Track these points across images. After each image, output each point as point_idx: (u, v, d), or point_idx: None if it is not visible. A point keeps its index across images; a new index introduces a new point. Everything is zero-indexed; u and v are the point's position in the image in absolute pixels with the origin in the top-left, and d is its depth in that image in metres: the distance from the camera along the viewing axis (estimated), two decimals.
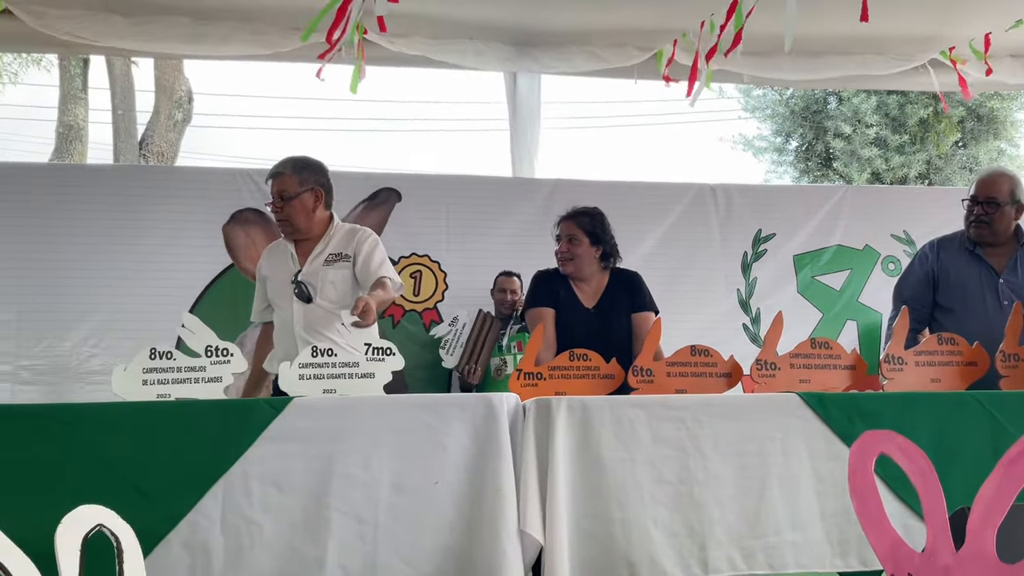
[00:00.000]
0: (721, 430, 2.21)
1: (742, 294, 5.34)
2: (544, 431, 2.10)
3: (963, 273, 3.23)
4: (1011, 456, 0.91)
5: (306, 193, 3.16)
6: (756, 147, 13.54)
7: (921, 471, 0.95)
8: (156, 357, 2.32)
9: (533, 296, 3.35)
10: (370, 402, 2.17)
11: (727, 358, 2.60)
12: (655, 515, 2.11)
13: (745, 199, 5.45)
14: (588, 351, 2.56)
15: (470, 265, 5.01)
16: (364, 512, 2.01)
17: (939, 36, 4.93)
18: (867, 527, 0.97)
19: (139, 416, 2.08)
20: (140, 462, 2.00)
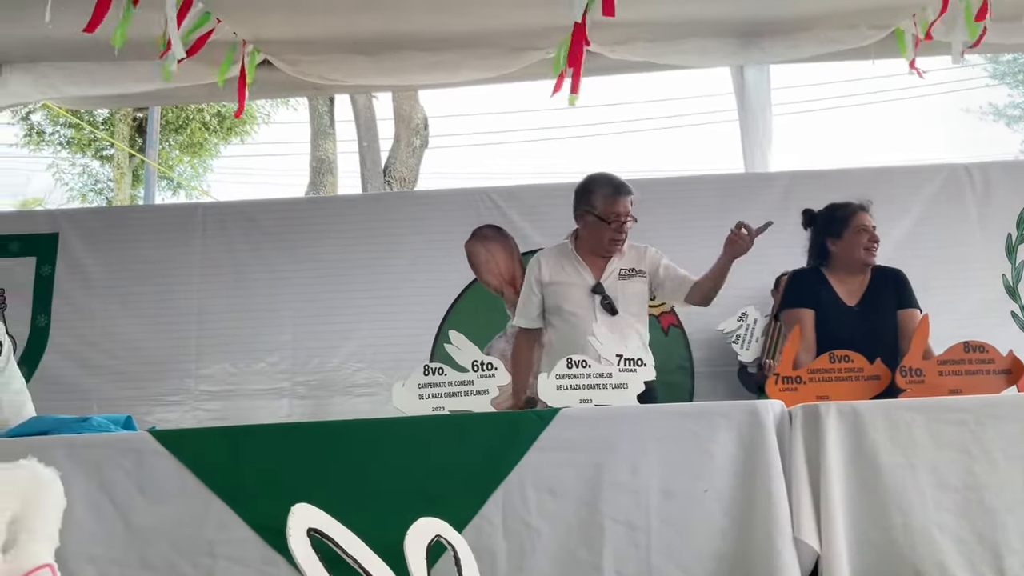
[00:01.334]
0: (1008, 432, 2.08)
1: (1008, 279, 4.91)
2: (813, 437, 2.07)
3: None
4: None
5: None
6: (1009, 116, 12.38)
7: None
8: (430, 373, 2.51)
9: (791, 296, 3.27)
10: (634, 411, 2.23)
11: (1004, 354, 2.42)
12: (940, 521, 2.01)
13: (1005, 176, 5.01)
14: (850, 352, 2.48)
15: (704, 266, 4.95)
16: (635, 518, 2.07)
17: None
18: None
19: (423, 429, 2.26)
20: (426, 471, 2.17)
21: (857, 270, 3.20)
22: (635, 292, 3.36)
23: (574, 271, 3.38)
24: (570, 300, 3.34)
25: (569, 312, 3.33)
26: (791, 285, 3.29)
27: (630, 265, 3.38)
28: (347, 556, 1.04)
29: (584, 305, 3.31)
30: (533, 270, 3.48)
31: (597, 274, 3.36)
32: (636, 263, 3.39)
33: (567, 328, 3.31)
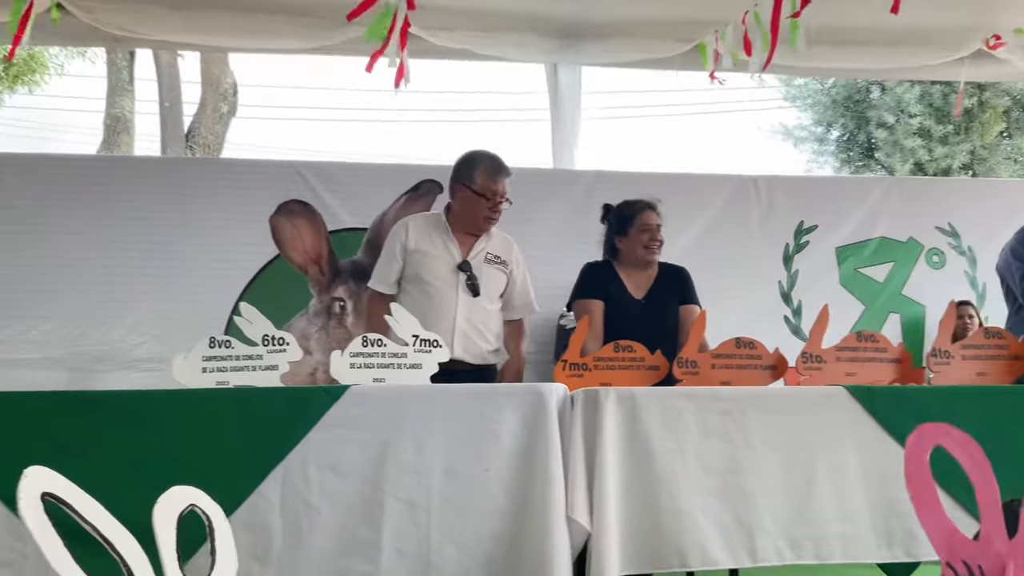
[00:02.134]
0: (769, 422, 2.24)
1: (783, 286, 5.32)
2: (592, 421, 2.14)
3: None
4: None
5: None
6: (796, 137, 13.42)
7: (977, 463, 0.97)
8: (215, 346, 2.40)
9: (582, 287, 3.39)
10: (424, 390, 2.23)
11: (772, 351, 2.62)
12: (705, 505, 2.14)
13: (787, 191, 5.42)
14: (633, 342, 2.59)
15: None
16: (417, 497, 2.08)
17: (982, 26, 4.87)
18: (923, 517, 1.00)
19: (201, 403, 2.16)
20: (203, 446, 2.07)
21: (640, 266, 3.36)
22: (495, 279, 3.34)
23: (442, 243, 3.30)
24: (432, 272, 3.26)
25: (429, 283, 3.26)
26: (583, 277, 3.42)
27: (497, 252, 3.35)
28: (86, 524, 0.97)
29: (446, 280, 3.24)
30: (399, 234, 3.38)
31: (465, 251, 3.30)
32: (503, 252, 3.37)
33: (424, 300, 3.22)
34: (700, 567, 2.11)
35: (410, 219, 3.47)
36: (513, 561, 2.06)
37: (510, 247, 3.41)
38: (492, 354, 3.27)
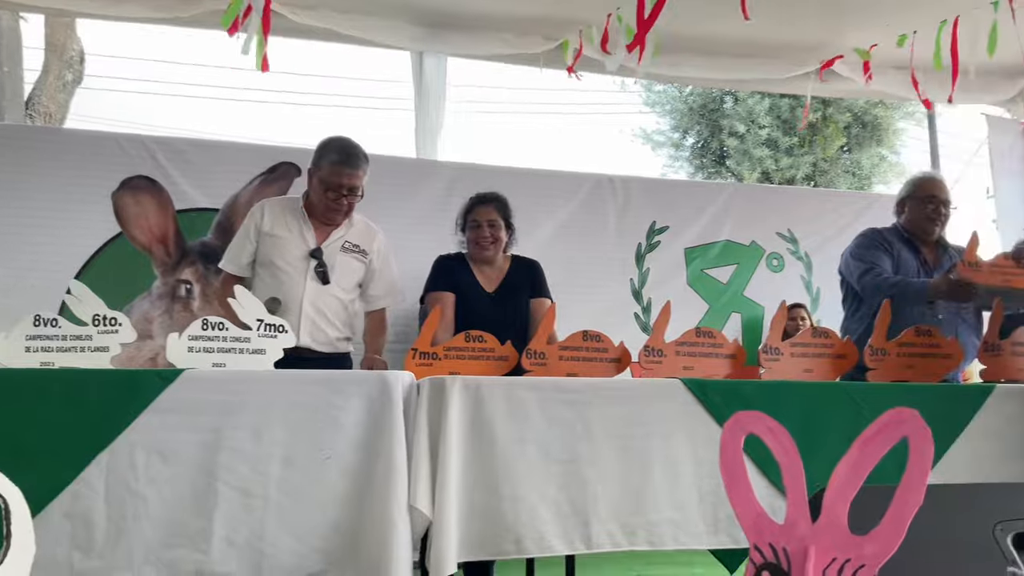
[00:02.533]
0: (609, 413, 2.30)
1: (635, 284, 5.48)
2: (437, 409, 2.14)
3: (908, 266, 3.42)
4: (865, 437, 1.00)
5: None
6: (655, 141, 13.87)
7: (785, 449, 1.03)
8: (40, 324, 2.26)
9: (434, 280, 3.39)
10: (263, 376, 2.17)
11: (617, 344, 2.69)
12: (544, 492, 2.18)
13: (641, 191, 5.59)
14: (484, 333, 2.61)
15: None
16: (252, 485, 2.02)
17: (829, 44, 5.18)
18: (734, 500, 1.05)
19: (22, 383, 2.02)
20: (22, 430, 1.94)
21: (482, 260, 3.40)
22: (351, 269, 3.27)
23: (298, 229, 3.22)
24: (284, 256, 3.18)
25: (279, 268, 3.17)
26: (434, 270, 3.42)
27: (356, 241, 3.29)
28: None
29: (297, 266, 3.17)
30: (255, 216, 3.27)
31: (320, 238, 3.22)
32: (363, 241, 3.30)
33: (274, 284, 3.15)
34: (536, 554, 2.15)
35: (267, 202, 3.38)
36: (352, 551, 2.04)
37: (372, 236, 3.35)
38: (342, 342, 3.23)
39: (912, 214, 3.41)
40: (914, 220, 3.40)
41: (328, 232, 3.25)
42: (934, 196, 3.38)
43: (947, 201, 3.40)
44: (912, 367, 2.78)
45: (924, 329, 2.84)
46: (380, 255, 3.35)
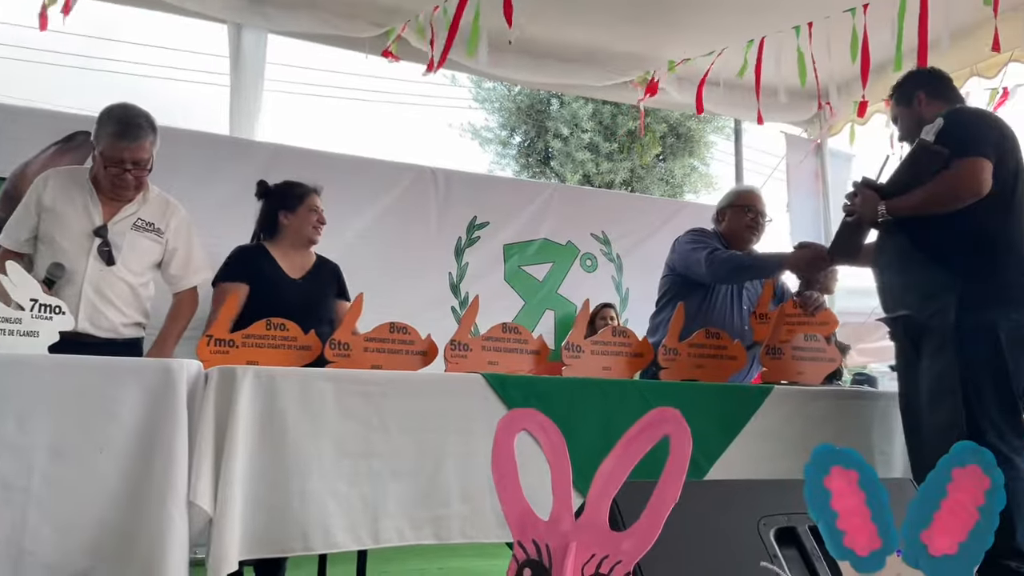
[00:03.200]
0: (407, 407, 2.27)
1: (453, 278, 5.49)
2: (225, 401, 2.03)
3: None
4: (629, 436, 1.03)
5: (153, 158, 2.99)
6: (483, 137, 13.98)
7: (553, 446, 1.04)
8: None
9: (227, 269, 3.22)
10: (31, 360, 1.98)
11: (424, 337, 2.67)
12: (334, 488, 2.13)
13: (464, 186, 5.61)
14: (286, 321, 2.52)
15: None
16: (15, 478, 1.85)
17: (648, 56, 5.40)
18: (502, 497, 1.05)
19: None
20: None
21: (302, 245, 3.29)
22: (144, 249, 3.03)
23: (82, 203, 2.95)
24: (65, 233, 2.92)
25: (59, 246, 2.91)
26: (232, 259, 3.26)
27: (150, 218, 3.04)
28: None
29: (79, 244, 2.91)
30: (37, 188, 2.98)
31: (108, 215, 2.96)
32: (158, 219, 3.06)
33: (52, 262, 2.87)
34: (323, 550, 2.09)
35: (52, 172, 3.09)
36: (125, 548, 1.90)
37: (169, 213, 3.13)
38: (130, 328, 3.02)
39: (731, 223, 3.59)
40: (733, 228, 3.58)
41: (117, 208, 3.02)
42: (753, 206, 3.57)
43: (764, 213, 3.60)
44: (701, 367, 2.93)
45: (713, 332, 3.00)
46: (179, 233, 3.14)
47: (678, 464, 0.98)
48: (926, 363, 2.63)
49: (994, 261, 2.59)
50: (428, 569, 3.99)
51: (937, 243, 2.63)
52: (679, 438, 0.99)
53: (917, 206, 2.64)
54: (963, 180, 2.56)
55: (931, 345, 2.61)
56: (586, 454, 1.46)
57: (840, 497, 1.17)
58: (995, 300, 2.55)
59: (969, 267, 2.58)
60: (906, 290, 2.72)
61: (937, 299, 2.59)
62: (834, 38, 4.55)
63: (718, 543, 1.54)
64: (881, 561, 1.13)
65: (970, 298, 2.54)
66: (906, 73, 3.09)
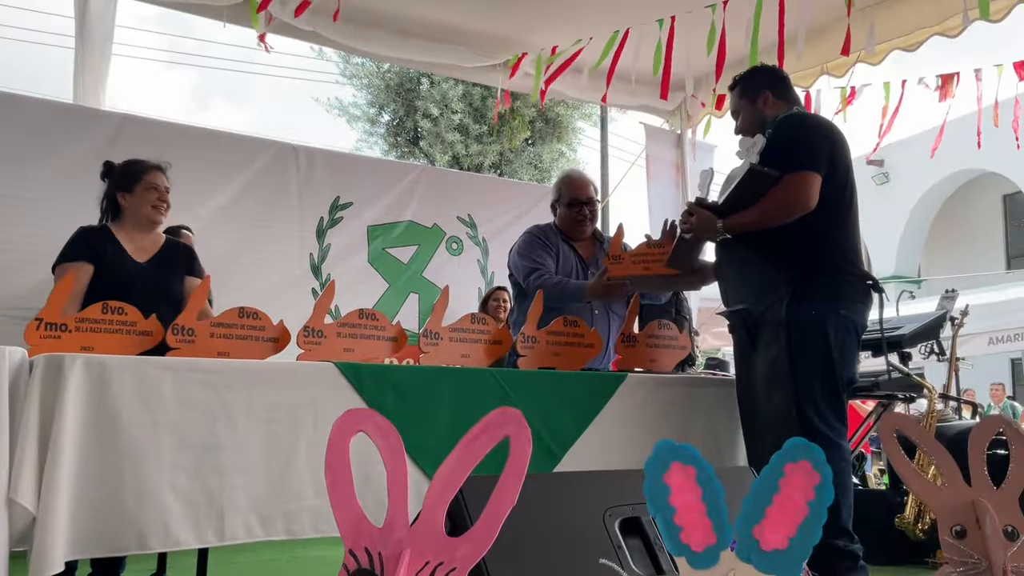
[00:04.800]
0: (254, 397, 2.17)
1: (315, 259, 5.35)
2: (52, 391, 1.89)
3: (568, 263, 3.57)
4: (469, 438, 1.00)
5: None
6: (351, 114, 13.66)
7: (391, 448, 1.00)
8: None
9: (69, 249, 2.99)
10: None
11: (277, 322, 2.57)
12: (174, 482, 2.02)
13: (327, 164, 5.46)
14: (125, 304, 2.36)
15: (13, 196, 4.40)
16: None
17: (518, 41, 5.38)
18: (335, 502, 1.00)
19: None
20: None
21: (145, 227, 3.10)
22: None
23: None
24: None
25: None
26: (73, 239, 3.03)
27: None
28: None
29: None
30: None
31: None
32: None
33: None
34: (161, 548, 1.98)
35: None
36: None
37: None
38: None
39: (562, 220, 3.62)
40: (564, 224, 3.61)
41: None
42: (576, 199, 3.59)
43: (590, 199, 3.62)
44: (558, 355, 2.95)
45: (571, 320, 3.02)
46: None
47: (517, 467, 0.96)
48: (760, 353, 2.76)
49: (827, 262, 2.74)
50: (279, 559, 3.89)
51: (774, 248, 2.75)
52: (519, 439, 0.97)
53: (752, 223, 2.77)
54: (792, 196, 2.70)
55: (765, 337, 2.74)
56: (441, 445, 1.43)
57: (679, 493, 1.19)
58: (825, 296, 2.70)
59: (802, 266, 2.72)
60: (744, 287, 2.86)
61: (772, 294, 2.72)
62: (695, 33, 4.67)
63: (564, 536, 1.55)
64: (715, 556, 1.15)
65: (802, 294, 2.68)
66: (751, 68, 3.16)
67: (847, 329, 2.71)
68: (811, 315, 2.67)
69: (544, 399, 2.62)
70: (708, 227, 2.86)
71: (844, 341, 2.70)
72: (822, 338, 2.67)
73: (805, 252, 2.73)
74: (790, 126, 2.85)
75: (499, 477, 1.05)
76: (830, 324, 2.67)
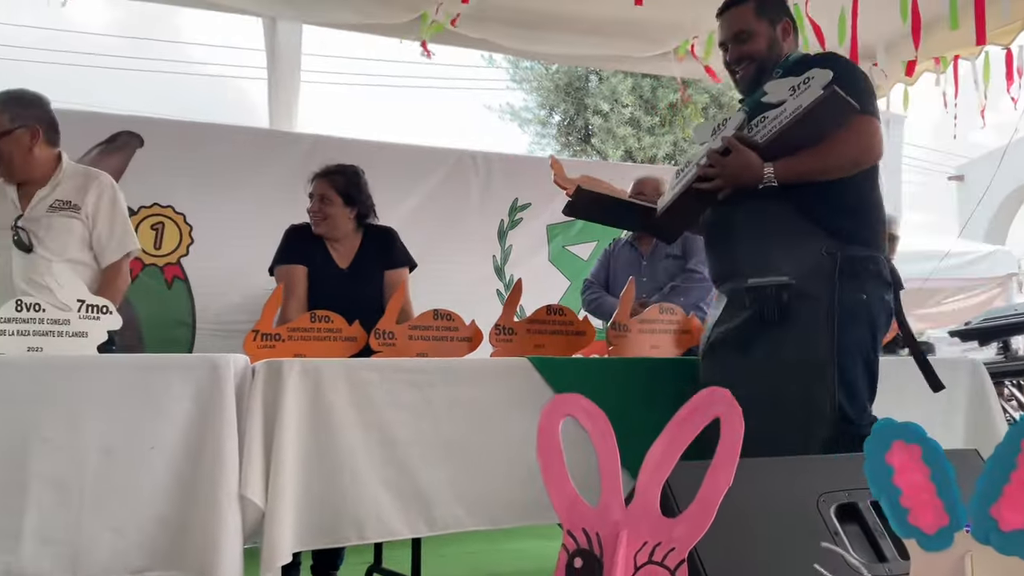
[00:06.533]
0: (455, 393, 2.25)
1: (497, 260, 5.47)
2: (273, 394, 2.04)
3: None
4: (678, 419, 0.99)
5: (20, 130, 2.87)
6: (522, 118, 13.89)
7: (601, 432, 1.01)
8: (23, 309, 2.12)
9: (283, 252, 3.23)
10: (80, 361, 2.01)
11: (469, 323, 2.65)
12: (386, 476, 2.12)
13: (504, 168, 5.57)
14: (330, 313, 2.52)
15: (220, 219, 4.76)
16: (69, 478, 1.87)
17: (686, 25, 5.28)
18: (549, 485, 1.02)
19: None
20: None
21: (321, 235, 3.28)
22: (66, 229, 2.89)
23: (2, 203, 2.91)
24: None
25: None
26: (284, 241, 3.27)
27: (67, 197, 2.91)
28: None
29: (4, 241, 2.85)
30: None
31: (24, 203, 2.90)
32: (75, 195, 2.92)
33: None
34: (378, 538, 2.09)
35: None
36: (178, 544, 1.92)
37: (87, 185, 2.96)
38: None
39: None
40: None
41: (32, 193, 2.93)
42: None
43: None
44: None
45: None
46: (99, 207, 2.96)
47: (730, 446, 0.94)
48: (791, 333, 2.20)
49: (872, 235, 2.29)
50: (482, 551, 4.00)
51: (817, 207, 2.24)
52: (730, 419, 0.95)
53: (812, 171, 2.22)
54: (865, 144, 2.22)
55: (802, 315, 2.19)
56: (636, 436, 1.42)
57: (903, 473, 1.12)
58: (872, 276, 2.24)
59: (850, 235, 2.24)
60: (774, 252, 2.24)
61: (813, 265, 2.20)
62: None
63: (777, 523, 1.50)
64: (949, 538, 1.08)
65: (850, 270, 2.20)
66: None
67: (887, 321, 2.27)
68: (862, 299, 2.19)
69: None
70: (750, 170, 2.22)
71: (880, 335, 2.26)
72: (869, 328, 2.21)
73: (852, 217, 2.25)
74: (846, 64, 2.29)
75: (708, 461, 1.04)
76: (878, 313, 2.23)
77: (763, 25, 2.41)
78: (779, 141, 2.20)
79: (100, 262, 2.97)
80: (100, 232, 2.95)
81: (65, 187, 2.94)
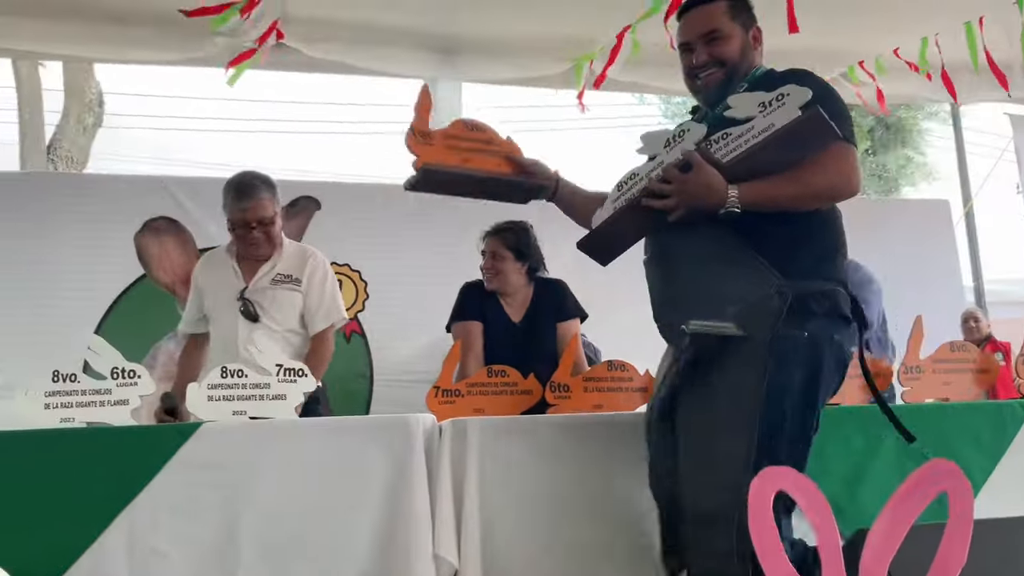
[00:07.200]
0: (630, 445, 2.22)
1: None
2: (460, 452, 2.09)
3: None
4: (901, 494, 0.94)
5: (277, 214, 3.11)
6: None
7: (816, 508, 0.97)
8: (60, 380, 2.25)
9: (460, 309, 3.34)
10: (283, 427, 2.13)
11: (643, 372, 2.63)
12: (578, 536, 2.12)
13: None
14: (506, 367, 2.56)
15: (393, 275, 4.96)
16: (276, 540, 1.98)
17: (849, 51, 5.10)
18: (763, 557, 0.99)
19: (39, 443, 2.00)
20: (39, 493, 1.93)
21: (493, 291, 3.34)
22: (287, 301, 3.09)
23: (226, 273, 3.14)
24: (218, 304, 3.11)
25: (214, 317, 3.12)
26: (460, 299, 3.37)
27: (288, 271, 3.12)
28: None
29: (231, 311, 3.06)
30: (196, 271, 3.26)
31: (248, 277, 3.12)
32: (294, 269, 3.12)
33: (215, 334, 3.10)
34: None
35: (205, 255, 3.32)
36: None
37: (304, 260, 3.15)
38: None
39: None
40: None
41: (255, 267, 3.13)
42: None
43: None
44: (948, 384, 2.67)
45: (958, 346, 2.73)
46: (312, 279, 3.14)
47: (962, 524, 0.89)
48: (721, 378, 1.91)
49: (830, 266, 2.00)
50: None
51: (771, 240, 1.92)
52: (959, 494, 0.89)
53: (781, 198, 1.92)
54: (844, 172, 1.93)
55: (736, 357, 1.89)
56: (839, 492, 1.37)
57: None
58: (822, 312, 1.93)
59: (802, 269, 1.92)
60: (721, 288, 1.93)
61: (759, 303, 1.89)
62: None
63: None
64: None
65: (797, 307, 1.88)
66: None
67: (837, 361, 1.97)
68: (802, 337, 1.88)
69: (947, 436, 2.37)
70: (712, 192, 1.89)
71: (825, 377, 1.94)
72: (805, 369, 1.90)
73: (809, 250, 1.96)
74: (824, 86, 2.00)
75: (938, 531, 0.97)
76: (822, 352, 1.92)
77: (736, 28, 2.11)
78: (746, 163, 1.89)
79: (309, 330, 3.13)
80: (311, 303, 3.13)
81: (286, 262, 3.14)
